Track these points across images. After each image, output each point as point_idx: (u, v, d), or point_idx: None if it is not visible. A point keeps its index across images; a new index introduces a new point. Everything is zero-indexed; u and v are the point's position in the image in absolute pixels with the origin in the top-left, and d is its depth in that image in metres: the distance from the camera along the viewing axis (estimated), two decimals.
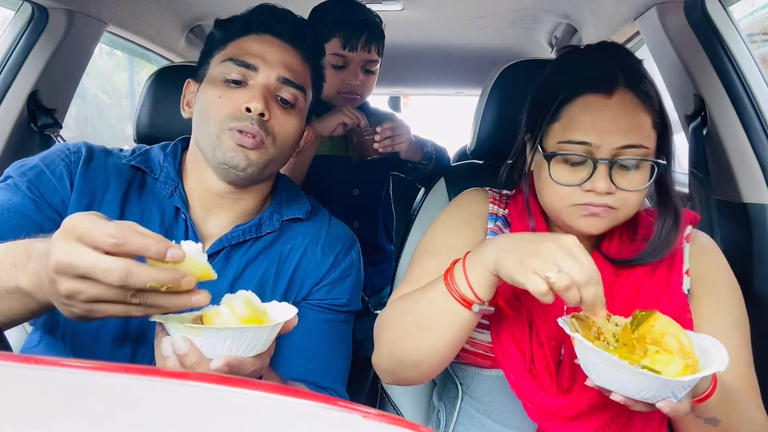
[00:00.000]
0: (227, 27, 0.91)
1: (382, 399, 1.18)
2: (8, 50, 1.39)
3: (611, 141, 0.77)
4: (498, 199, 0.97)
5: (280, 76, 0.87)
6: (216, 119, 0.84)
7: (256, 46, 0.88)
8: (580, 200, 0.80)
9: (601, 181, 0.77)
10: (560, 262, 0.64)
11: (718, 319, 0.83)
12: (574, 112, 0.80)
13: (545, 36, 2.08)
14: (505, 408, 0.86)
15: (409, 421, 0.29)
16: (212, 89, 0.86)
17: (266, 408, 0.28)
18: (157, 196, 0.89)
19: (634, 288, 0.84)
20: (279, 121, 0.86)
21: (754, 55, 1.26)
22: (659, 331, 0.62)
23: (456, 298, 0.72)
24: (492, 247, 0.71)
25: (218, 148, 0.83)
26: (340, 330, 0.96)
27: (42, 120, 1.42)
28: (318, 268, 0.94)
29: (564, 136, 0.81)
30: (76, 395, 0.27)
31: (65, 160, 0.86)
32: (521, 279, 0.65)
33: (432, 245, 0.92)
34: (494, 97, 1.15)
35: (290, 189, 1.00)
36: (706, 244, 0.90)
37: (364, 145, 1.43)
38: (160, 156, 0.93)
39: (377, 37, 1.44)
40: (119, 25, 1.60)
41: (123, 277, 0.52)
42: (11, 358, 0.29)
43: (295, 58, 0.90)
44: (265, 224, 0.92)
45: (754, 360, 0.84)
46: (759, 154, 1.19)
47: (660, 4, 1.31)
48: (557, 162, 0.81)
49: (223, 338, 0.59)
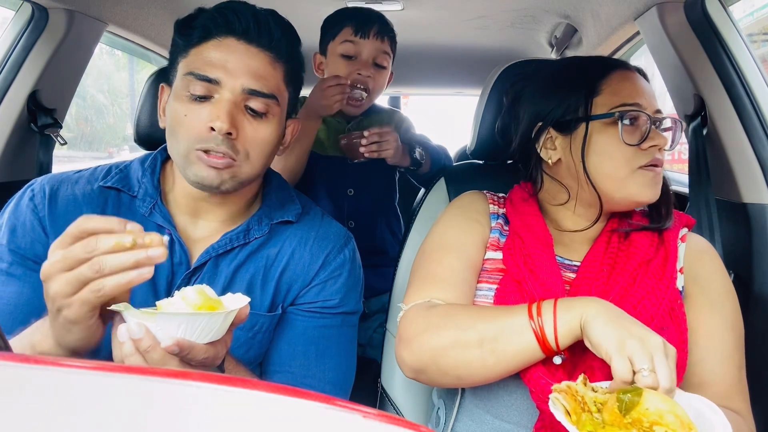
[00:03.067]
0: (186, 33, 0.84)
1: (382, 399, 1.18)
2: (8, 50, 1.39)
3: (652, 104, 0.88)
4: (495, 200, 1.01)
5: (246, 88, 0.81)
6: (183, 139, 0.81)
7: (217, 54, 0.81)
8: (646, 160, 0.86)
9: (660, 137, 0.87)
10: (657, 363, 0.64)
11: (713, 321, 0.84)
12: (615, 83, 0.89)
13: (545, 36, 2.08)
14: (504, 403, 0.86)
15: (409, 421, 0.29)
16: (178, 105, 0.82)
17: (266, 408, 0.28)
18: (135, 213, 0.87)
19: (630, 277, 0.85)
20: (248, 135, 0.82)
21: (754, 55, 1.26)
22: (656, 413, 0.60)
23: (537, 337, 0.73)
24: (594, 305, 0.71)
25: (189, 168, 0.81)
26: (333, 335, 0.93)
27: (42, 120, 1.42)
28: (306, 270, 0.91)
29: (615, 102, 0.87)
30: (76, 395, 0.27)
31: (30, 205, 0.84)
32: (614, 355, 0.65)
33: (445, 241, 0.93)
34: (494, 97, 1.15)
35: (281, 189, 0.97)
36: (702, 246, 0.92)
37: (352, 148, 1.42)
38: (138, 172, 0.90)
39: (389, 31, 1.44)
40: (119, 25, 1.60)
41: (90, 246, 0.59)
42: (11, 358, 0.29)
43: (261, 62, 0.83)
44: (254, 229, 0.90)
45: (754, 360, 0.84)
46: (759, 154, 1.19)
47: (660, 4, 1.31)
48: (615, 128, 0.86)
49: (177, 323, 0.60)
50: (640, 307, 0.81)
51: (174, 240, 0.86)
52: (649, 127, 0.85)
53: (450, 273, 0.89)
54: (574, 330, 0.71)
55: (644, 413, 0.60)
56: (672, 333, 0.82)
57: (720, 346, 0.83)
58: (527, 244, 0.89)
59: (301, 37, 0.91)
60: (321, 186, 1.54)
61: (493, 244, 0.94)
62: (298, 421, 0.28)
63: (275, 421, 0.28)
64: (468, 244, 0.92)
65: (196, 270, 0.86)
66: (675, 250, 0.89)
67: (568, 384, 0.66)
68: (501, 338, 0.75)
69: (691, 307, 0.85)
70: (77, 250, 0.59)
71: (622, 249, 0.89)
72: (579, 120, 0.89)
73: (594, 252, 0.89)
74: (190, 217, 0.89)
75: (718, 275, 0.89)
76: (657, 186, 0.87)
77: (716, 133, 1.25)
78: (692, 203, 1.28)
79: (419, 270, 0.92)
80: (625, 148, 0.85)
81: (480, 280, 0.91)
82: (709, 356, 0.83)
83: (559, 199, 0.95)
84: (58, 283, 0.60)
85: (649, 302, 0.81)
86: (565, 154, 0.91)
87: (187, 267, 0.86)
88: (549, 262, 0.87)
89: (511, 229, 0.95)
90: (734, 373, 0.83)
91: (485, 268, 0.92)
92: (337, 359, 0.93)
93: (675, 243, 0.89)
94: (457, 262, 0.90)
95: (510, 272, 0.88)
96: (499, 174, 1.23)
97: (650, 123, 0.85)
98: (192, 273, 0.86)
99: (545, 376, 0.78)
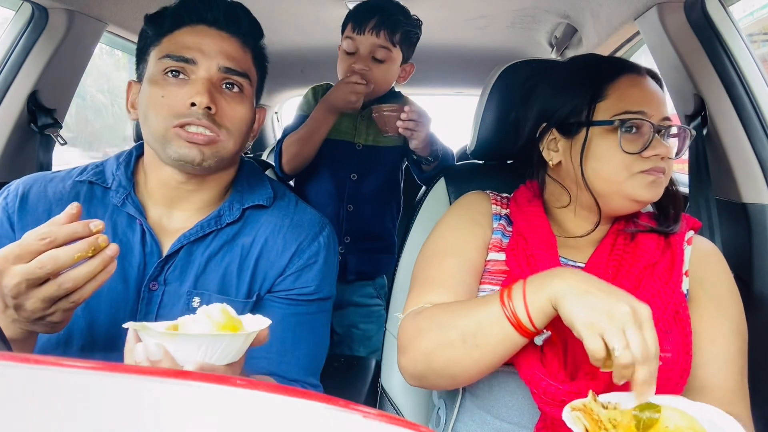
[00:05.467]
0: (158, 22, 0.88)
1: (382, 399, 1.18)
2: (8, 50, 1.39)
3: (660, 111, 0.86)
4: (498, 200, 1.00)
5: (221, 66, 0.84)
6: (161, 117, 0.82)
7: (191, 38, 0.85)
8: (646, 166, 0.84)
9: (663, 146, 0.84)
10: (630, 336, 0.62)
11: (717, 324, 0.84)
12: (623, 88, 0.87)
13: (545, 36, 2.08)
14: (505, 403, 0.86)
15: (409, 421, 0.29)
16: (154, 88, 0.84)
17: (266, 408, 0.28)
18: (107, 205, 0.89)
19: (635, 280, 0.84)
20: (226, 111, 0.85)
21: (754, 55, 1.26)
22: (675, 430, 0.58)
23: (512, 323, 0.71)
24: (560, 282, 0.69)
25: (168, 146, 0.82)
26: (308, 321, 0.94)
27: (42, 120, 1.41)
28: (279, 258, 0.92)
29: (619, 108, 0.85)
30: (76, 395, 0.27)
31: (2, 204, 0.88)
32: (584, 335, 0.63)
33: (446, 244, 0.93)
34: (494, 97, 1.15)
35: (253, 176, 0.98)
36: (708, 249, 0.91)
37: (386, 120, 1.40)
38: (113, 165, 0.92)
39: (391, 24, 1.42)
40: (119, 25, 1.60)
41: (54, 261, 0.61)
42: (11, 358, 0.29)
43: (233, 45, 0.87)
44: (225, 215, 0.91)
45: (754, 360, 0.84)
46: (759, 154, 1.19)
47: (660, 4, 1.31)
48: (615, 135, 0.85)
49: (197, 345, 0.58)
50: None
51: (145, 230, 0.88)
52: (652, 136, 0.83)
53: (447, 276, 0.88)
54: (546, 309, 0.69)
55: (663, 431, 0.59)
56: (676, 336, 0.81)
57: (723, 350, 0.82)
58: (531, 245, 0.89)
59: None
60: (324, 168, 1.55)
61: (496, 245, 0.93)
62: (298, 421, 0.28)
63: (275, 421, 0.28)
64: (467, 247, 0.91)
65: (168, 258, 0.87)
66: (681, 253, 0.88)
67: (584, 402, 0.64)
68: (481, 331, 0.74)
69: (696, 311, 0.84)
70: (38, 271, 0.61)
71: (627, 251, 0.88)
72: (581, 124, 0.88)
73: (599, 253, 0.89)
74: (165, 208, 0.90)
75: (724, 279, 0.88)
76: (658, 187, 0.85)
77: (716, 133, 1.25)
78: (692, 203, 1.28)
79: (417, 277, 0.92)
80: (624, 155, 0.84)
81: (483, 281, 0.91)
82: (711, 360, 0.82)
83: (562, 201, 0.94)
84: (31, 300, 0.63)
85: (655, 306, 0.80)
86: (565, 156, 0.91)
87: (159, 256, 0.87)
88: (552, 264, 0.86)
89: (514, 229, 0.94)
90: (736, 377, 0.82)
91: (488, 270, 0.92)
92: (312, 346, 0.95)
93: (681, 246, 0.88)
94: (454, 265, 0.89)
95: (513, 273, 0.88)
96: (499, 174, 1.23)
97: (653, 131, 0.83)
98: (165, 261, 0.87)
99: (546, 378, 0.78)
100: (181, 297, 0.88)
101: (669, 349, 0.79)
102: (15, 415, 0.26)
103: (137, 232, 0.88)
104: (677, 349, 0.80)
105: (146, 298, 0.87)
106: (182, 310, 0.86)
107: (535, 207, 0.95)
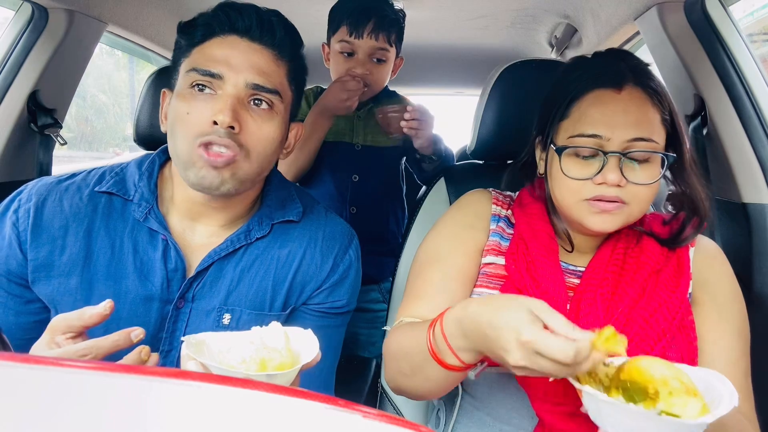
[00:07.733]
0: (189, 33, 0.83)
1: (382, 399, 1.18)
2: (8, 50, 1.39)
3: (621, 134, 0.78)
4: (501, 200, 0.98)
5: (249, 83, 0.79)
6: (185, 136, 0.79)
7: (220, 50, 0.80)
8: (591, 194, 0.79)
9: (612, 173, 0.77)
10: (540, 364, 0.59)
11: (720, 327, 0.83)
12: (584, 108, 0.81)
13: (545, 36, 2.08)
14: (504, 405, 0.86)
15: (409, 421, 0.29)
16: (180, 102, 0.80)
17: (266, 408, 0.28)
18: (128, 220, 0.84)
19: (639, 288, 0.83)
20: (252, 131, 0.80)
21: (754, 55, 1.26)
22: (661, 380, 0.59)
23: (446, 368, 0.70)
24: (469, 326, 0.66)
25: (190, 168, 0.79)
26: (333, 335, 0.94)
27: (42, 120, 1.41)
28: (318, 271, 0.91)
29: (575, 130, 0.81)
30: (76, 395, 0.27)
31: (13, 218, 0.82)
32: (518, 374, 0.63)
33: (434, 253, 0.92)
34: (494, 97, 1.15)
35: (281, 188, 0.95)
36: (712, 251, 0.90)
37: (389, 121, 1.40)
38: (135, 175, 0.88)
39: (387, 26, 1.42)
40: (119, 25, 1.60)
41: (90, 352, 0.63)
42: (11, 358, 0.29)
43: (264, 58, 0.82)
44: (254, 230, 0.88)
45: (755, 360, 0.84)
46: (759, 154, 1.19)
47: (660, 4, 1.31)
48: (568, 156, 0.81)
49: None
50: (652, 320, 0.79)
51: (170, 245, 0.84)
52: (604, 162, 0.78)
53: (428, 286, 0.88)
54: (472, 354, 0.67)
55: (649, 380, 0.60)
56: (681, 343, 0.80)
57: (726, 353, 0.82)
58: (531, 251, 0.88)
59: None
60: (325, 170, 1.55)
61: (494, 248, 0.92)
62: (298, 421, 0.28)
63: (275, 421, 0.28)
64: (455, 252, 0.90)
65: (198, 274, 0.85)
66: (687, 260, 0.86)
67: None
68: (426, 366, 0.73)
69: (699, 313, 0.84)
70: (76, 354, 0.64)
71: (631, 255, 0.86)
72: (547, 141, 0.87)
73: (599, 257, 0.87)
74: (189, 222, 0.87)
75: (727, 281, 0.87)
76: (608, 218, 0.80)
77: (716, 133, 1.25)
78: None
79: (407, 287, 0.93)
80: (571, 180, 0.81)
81: (479, 284, 0.90)
82: (714, 363, 0.81)
83: None
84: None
85: (662, 316, 0.80)
86: (544, 169, 0.90)
87: (183, 272, 0.85)
88: (552, 270, 0.85)
89: (515, 231, 0.92)
90: (740, 379, 0.81)
91: (486, 272, 0.91)
92: (332, 360, 0.95)
93: (687, 254, 0.87)
94: (437, 273, 0.89)
95: (512, 278, 0.87)
96: (499, 174, 1.22)
97: (605, 157, 0.78)
98: (194, 278, 0.85)
99: (545, 384, 0.78)
100: (209, 313, 0.85)
101: (674, 357, 0.79)
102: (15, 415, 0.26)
103: (159, 248, 0.84)
104: (682, 357, 0.79)
105: (173, 317, 0.84)
106: (210, 327, 0.85)
107: (538, 209, 0.92)
